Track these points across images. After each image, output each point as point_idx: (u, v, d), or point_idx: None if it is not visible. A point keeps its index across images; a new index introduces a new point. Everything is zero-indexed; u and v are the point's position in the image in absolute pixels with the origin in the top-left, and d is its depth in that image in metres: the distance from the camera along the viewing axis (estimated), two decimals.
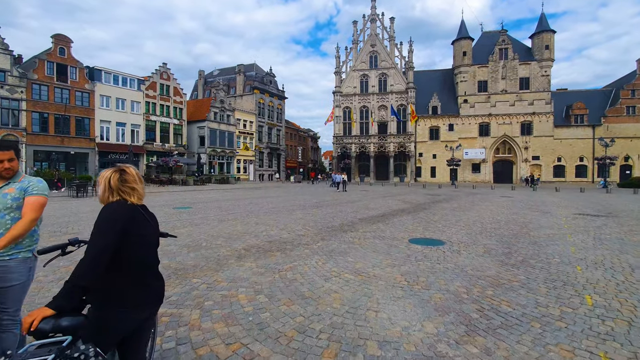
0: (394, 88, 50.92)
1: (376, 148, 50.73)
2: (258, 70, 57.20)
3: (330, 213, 11.93)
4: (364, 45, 52.33)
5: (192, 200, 16.27)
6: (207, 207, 13.52)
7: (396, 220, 10.15)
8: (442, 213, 12.22)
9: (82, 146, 34.05)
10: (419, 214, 11.78)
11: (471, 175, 49.45)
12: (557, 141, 47.18)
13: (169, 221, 9.53)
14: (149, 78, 39.70)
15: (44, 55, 32.02)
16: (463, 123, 49.37)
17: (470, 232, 8.30)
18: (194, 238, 7.23)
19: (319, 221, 9.93)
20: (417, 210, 13.20)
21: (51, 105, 32.18)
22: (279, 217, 10.63)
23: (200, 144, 44.92)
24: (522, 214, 12.13)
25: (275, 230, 8.35)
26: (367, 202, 16.67)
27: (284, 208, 13.44)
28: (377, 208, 13.71)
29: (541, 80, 47.82)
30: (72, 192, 18.60)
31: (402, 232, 8.16)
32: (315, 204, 15.54)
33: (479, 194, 23.61)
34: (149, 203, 11.92)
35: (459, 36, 50.06)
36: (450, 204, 15.69)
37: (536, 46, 48.16)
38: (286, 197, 19.13)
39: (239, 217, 10.52)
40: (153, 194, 20.24)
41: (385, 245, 6.76)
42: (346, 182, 26.21)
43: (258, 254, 5.92)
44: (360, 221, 10.01)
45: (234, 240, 7.06)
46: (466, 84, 50.11)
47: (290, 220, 9.97)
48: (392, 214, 11.70)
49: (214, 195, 20.42)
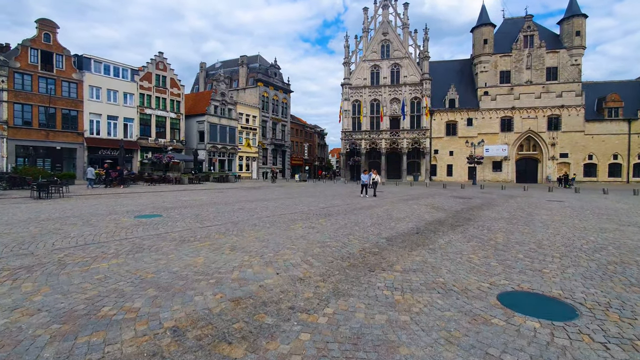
0: (408, 80, 47.17)
1: (388, 144, 47.11)
2: (262, 62, 54.03)
3: (342, 227, 8.64)
4: (375, 34, 48.63)
5: (170, 205, 13.13)
6: (182, 215, 10.34)
7: (444, 244, 6.79)
8: (498, 228, 8.82)
9: (69, 141, 31.33)
10: (469, 230, 8.39)
11: (492, 174, 45.53)
12: (588, 137, 42.94)
13: (100, 243, 6.35)
14: (144, 68, 36.80)
15: (27, 42, 29.28)
16: (483, 117, 45.41)
17: (588, 273, 4.93)
18: (91, 288, 3.99)
19: (328, 244, 6.64)
20: (459, 222, 9.81)
21: (35, 96, 29.47)
22: (271, 236, 7.36)
23: (199, 140, 41.99)
24: (614, 230, 8.66)
25: (257, 265, 5.09)
26: (387, 207, 13.31)
27: (281, 217, 10.18)
28: (404, 218, 10.35)
29: (571, 70, 43.57)
30: (34, 192, 15.63)
31: (470, 273, 4.82)
32: (323, 210, 12.25)
33: (516, 197, 20.02)
34: (113, 207, 8.38)
35: (479, 22, 46.00)
36: (496, 212, 12.23)
37: (565, 32, 43.87)
38: (287, 200, 15.89)
39: (212, 235, 7.29)
40: (131, 195, 17.19)
41: (460, 315, 3.43)
42: (376, 185, 19.06)
43: (197, 351, 2.67)
44: (390, 244, 6.68)
45: (170, 297, 3.81)
46: (487, 75, 46.09)
47: (286, 242, 6.70)
48: (431, 230, 8.34)
49: (203, 196, 17.28)
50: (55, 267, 4.90)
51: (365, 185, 18.77)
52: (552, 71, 44.26)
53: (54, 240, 6.60)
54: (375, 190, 19.06)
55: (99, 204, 13.23)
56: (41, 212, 10.62)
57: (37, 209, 11.42)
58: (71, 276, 4.47)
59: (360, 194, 19.23)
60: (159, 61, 38.16)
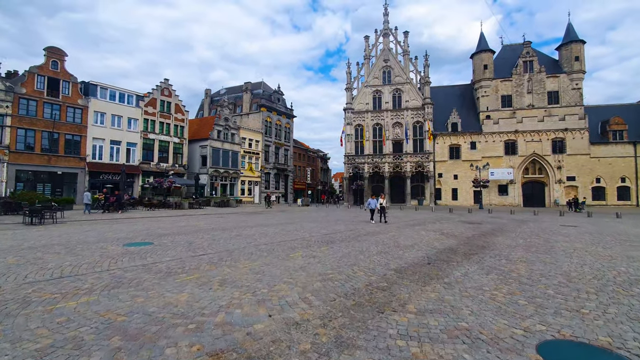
0: (410, 104, 47.54)
1: (391, 168, 46.72)
2: (265, 88, 54.99)
3: (346, 255, 7.93)
4: (377, 61, 49.65)
5: (165, 231, 12.50)
6: (174, 242, 9.70)
7: (460, 277, 6.07)
8: (517, 257, 8.07)
9: (70, 166, 31.21)
10: (485, 260, 7.65)
11: (498, 197, 44.63)
12: (594, 160, 42.34)
13: (77, 276, 5.70)
14: (149, 94, 37.36)
15: (34, 69, 29.92)
16: (486, 141, 45.18)
17: (633, 313, 4.20)
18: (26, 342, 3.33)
19: (330, 276, 5.94)
20: (473, 250, 9.06)
21: (39, 122, 29.70)
22: (267, 267, 6.68)
23: (202, 164, 41.88)
24: None
25: (247, 304, 4.41)
26: (393, 233, 12.57)
27: (280, 245, 9.50)
28: (412, 246, 9.62)
29: (572, 93, 43.75)
30: (26, 218, 15.11)
31: (497, 315, 4.10)
32: (325, 236, 11.54)
33: (527, 221, 19.18)
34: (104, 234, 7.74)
35: (478, 49, 46.93)
36: (511, 239, 11.46)
37: (564, 58, 44.49)
38: (288, 226, 15.20)
39: (202, 265, 6.63)
40: (127, 221, 16.60)
41: None
42: (385, 210, 18.00)
43: None
44: (400, 276, 5.97)
45: (136, 349, 3.14)
46: (488, 99, 46.38)
47: (283, 275, 6.01)
48: (443, 259, 7.61)
49: (201, 222, 16.64)
50: (17, 305, 4.26)
51: (373, 210, 18.03)
52: (553, 95, 44.47)
53: (27, 272, 5.97)
54: (385, 215, 17.91)
55: (91, 230, 12.64)
56: (27, 239, 10.02)
57: (24, 235, 10.83)
58: (30, 318, 3.83)
59: (370, 220, 17.98)
60: (164, 87, 38.82)
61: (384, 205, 17.86)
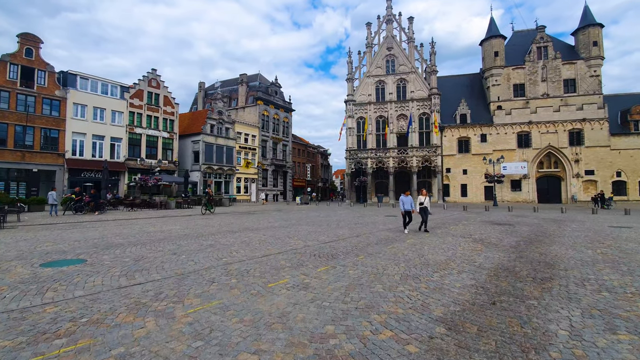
0: (415, 95, 44.59)
1: (396, 162, 43.83)
2: (262, 80, 52.14)
3: (356, 285, 5.20)
4: (380, 49, 46.65)
5: (121, 240, 9.79)
6: (115, 260, 6.99)
7: (567, 338, 3.33)
8: (618, 284, 5.32)
9: (47, 162, 28.55)
10: (570, 288, 4.90)
11: (510, 193, 41.75)
12: (614, 152, 39.37)
13: None
14: (135, 85, 34.58)
15: (7, 57, 27.21)
16: (498, 133, 42.24)
17: None
18: None
19: (332, 343, 3.21)
20: (539, 271, 6.31)
21: (12, 115, 27.02)
22: (221, 316, 3.96)
23: (194, 161, 39.19)
24: None
25: None
26: (412, 240, 9.82)
27: (261, 263, 6.78)
28: (447, 263, 6.88)
29: (590, 81, 40.72)
30: None
31: None
32: (324, 247, 8.82)
33: (563, 221, 16.36)
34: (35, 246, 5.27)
35: (488, 35, 43.87)
36: (574, 250, 8.69)
37: (581, 43, 41.39)
38: (280, 231, 12.48)
39: (117, 310, 3.91)
40: (92, 224, 13.88)
41: None
42: (428, 212, 12.06)
43: None
44: (456, 340, 3.23)
45: None
46: (499, 88, 43.39)
47: (242, 340, 3.28)
48: (508, 292, 4.87)
49: (176, 225, 13.94)
50: None
51: (408, 212, 11.78)
52: (569, 83, 41.45)
53: None
54: (426, 221, 12.05)
55: (31, 238, 9.96)
56: None
57: None
58: None
59: (404, 230, 11.89)
60: (151, 78, 36.05)
61: (425, 206, 11.96)
